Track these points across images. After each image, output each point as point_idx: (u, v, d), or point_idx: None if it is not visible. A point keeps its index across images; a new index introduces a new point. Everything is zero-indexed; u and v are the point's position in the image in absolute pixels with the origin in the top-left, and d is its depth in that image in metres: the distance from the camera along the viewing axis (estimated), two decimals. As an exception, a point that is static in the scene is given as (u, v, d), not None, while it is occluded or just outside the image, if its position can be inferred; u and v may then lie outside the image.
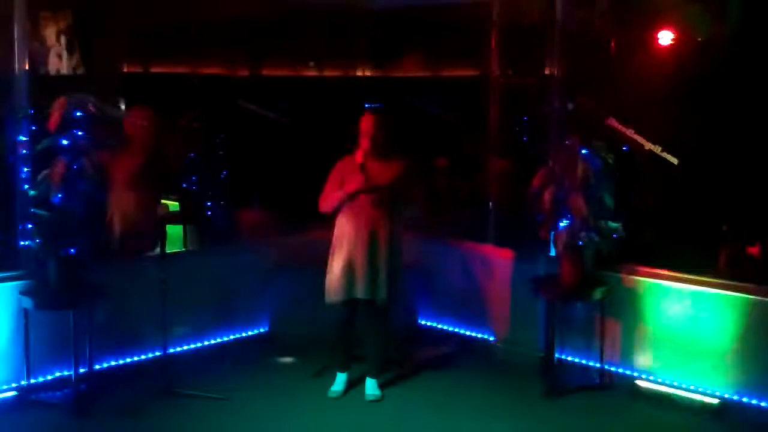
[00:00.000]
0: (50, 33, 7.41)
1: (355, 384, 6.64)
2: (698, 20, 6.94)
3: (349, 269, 6.32)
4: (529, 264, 7.08)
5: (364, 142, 6.34)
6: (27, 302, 6.19)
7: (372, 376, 6.55)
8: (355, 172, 6.33)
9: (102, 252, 6.50)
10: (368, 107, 7.26)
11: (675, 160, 6.66)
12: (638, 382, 6.63)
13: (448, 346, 7.60)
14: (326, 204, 6.44)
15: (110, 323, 6.62)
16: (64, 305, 6.24)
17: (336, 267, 6.37)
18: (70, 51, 7.47)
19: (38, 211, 6.09)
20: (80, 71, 7.48)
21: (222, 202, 8.23)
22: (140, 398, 6.38)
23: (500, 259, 7.39)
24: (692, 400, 6.35)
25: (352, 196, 6.33)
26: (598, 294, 6.61)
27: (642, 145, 6.70)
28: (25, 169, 6.22)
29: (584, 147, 6.45)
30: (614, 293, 6.66)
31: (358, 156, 6.33)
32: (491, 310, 7.51)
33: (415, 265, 7.44)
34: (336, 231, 6.44)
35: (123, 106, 7.67)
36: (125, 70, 8.30)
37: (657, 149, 6.64)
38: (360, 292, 6.32)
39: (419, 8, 8.45)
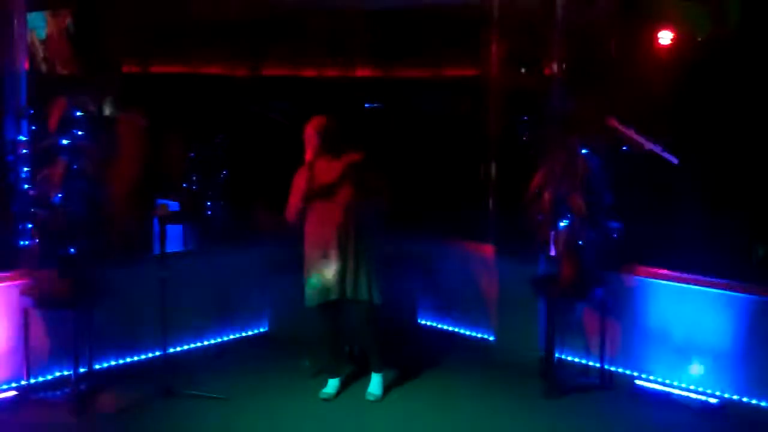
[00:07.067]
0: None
1: (351, 384, 6.64)
2: (698, 20, 6.94)
3: (325, 273, 6.27)
4: (529, 264, 7.08)
5: (312, 142, 6.32)
6: (27, 302, 6.20)
7: (376, 371, 6.52)
8: (305, 173, 6.32)
9: (102, 252, 6.49)
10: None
11: (675, 160, 6.65)
12: (638, 382, 6.63)
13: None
14: (288, 212, 6.38)
15: (110, 323, 6.63)
16: (64, 305, 6.23)
17: (312, 272, 6.33)
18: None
19: (38, 211, 6.09)
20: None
21: (222, 202, 8.22)
22: (140, 398, 6.38)
23: (500, 259, 7.38)
24: (692, 400, 6.35)
25: (307, 197, 6.26)
26: (598, 294, 6.61)
27: (642, 145, 6.69)
28: (25, 169, 6.23)
29: (584, 147, 6.45)
30: (614, 293, 6.66)
31: (307, 155, 6.30)
32: (491, 310, 7.51)
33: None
34: (306, 237, 6.38)
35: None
36: (125, 70, 8.29)
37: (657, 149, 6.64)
38: (341, 293, 6.28)
39: (419, 8, 8.45)
